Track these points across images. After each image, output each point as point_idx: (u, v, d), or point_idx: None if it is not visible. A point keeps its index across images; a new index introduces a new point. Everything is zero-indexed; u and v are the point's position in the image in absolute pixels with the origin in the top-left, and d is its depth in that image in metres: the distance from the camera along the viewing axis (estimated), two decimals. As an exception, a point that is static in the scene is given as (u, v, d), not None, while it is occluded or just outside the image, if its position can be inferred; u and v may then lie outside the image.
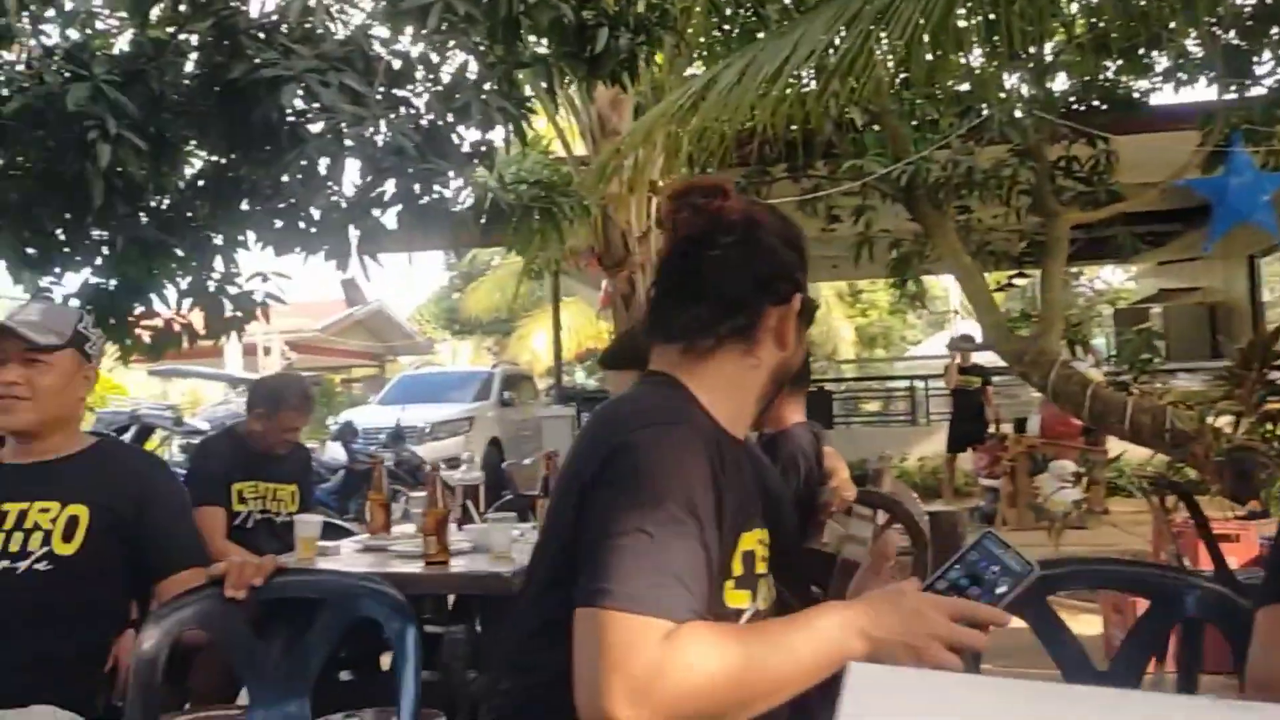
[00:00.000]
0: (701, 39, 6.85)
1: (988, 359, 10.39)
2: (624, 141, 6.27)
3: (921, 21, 4.16)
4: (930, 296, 10.64)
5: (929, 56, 5.49)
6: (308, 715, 1.72)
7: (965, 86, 7.38)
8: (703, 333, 1.38)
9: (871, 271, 10.38)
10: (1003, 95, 6.92)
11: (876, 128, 7.13)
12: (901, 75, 6.83)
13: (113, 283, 4.77)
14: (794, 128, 6.35)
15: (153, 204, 4.78)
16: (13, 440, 2.05)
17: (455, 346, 29.95)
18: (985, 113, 6.71)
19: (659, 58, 6.26)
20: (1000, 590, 1.18)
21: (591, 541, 1.19)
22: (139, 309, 4.89)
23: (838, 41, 4.91)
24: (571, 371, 20.87)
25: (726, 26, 7.50)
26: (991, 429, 10.00)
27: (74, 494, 1.95)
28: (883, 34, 4.63)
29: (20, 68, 4.65)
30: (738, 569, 1.30)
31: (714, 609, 1.23)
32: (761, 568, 1.36)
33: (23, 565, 1.87)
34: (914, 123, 7.30)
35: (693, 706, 1.10)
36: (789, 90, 5.33)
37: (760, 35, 6.37)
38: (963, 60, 6.57)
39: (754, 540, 1.34)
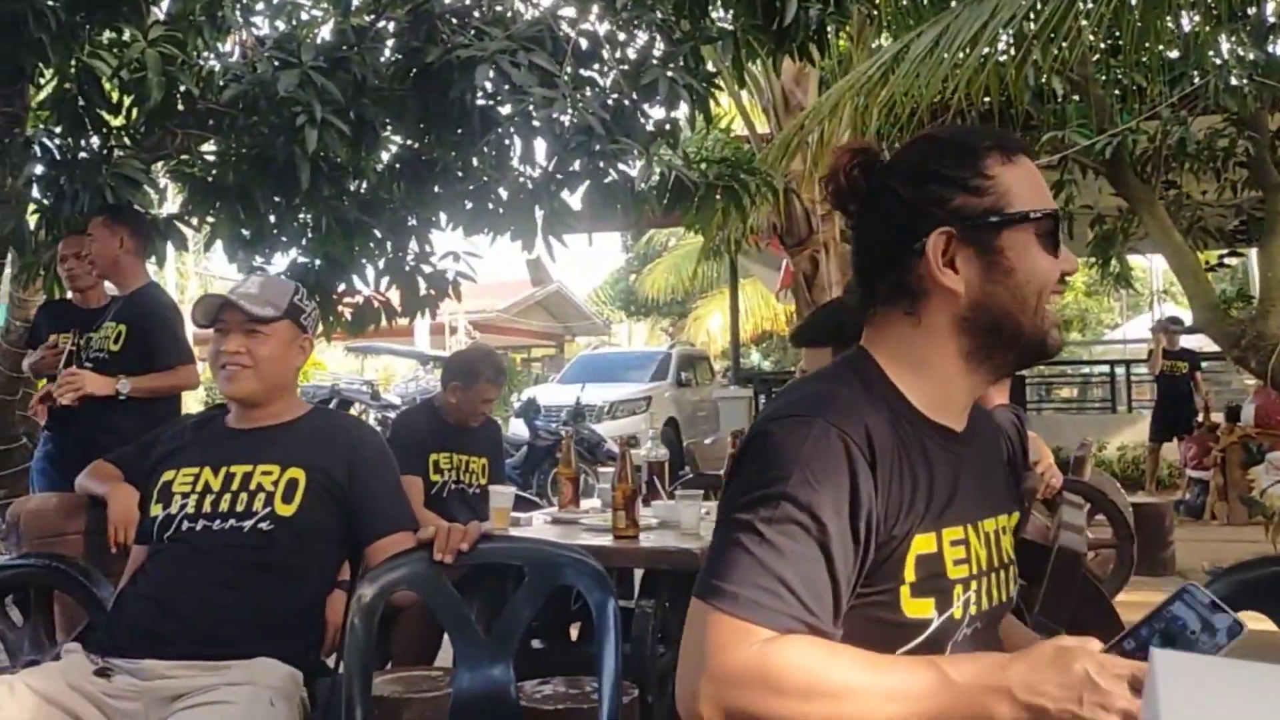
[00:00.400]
0: (891, 6, 6.63)
1: (1196, 343, 9.77)
2: (808, 116, 6.15)
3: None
4: (1132, 277, 10.05)
5: (1137, 20, 5.15)
6: (511, 679, 1.75)
7: (1176, 52, 6.91)
8: (866, 301, 1.27)
9: (1069, 249, 9.89)
10: (1218, 60, 6.44)
11: (1078, 98, 6.75)
12: (1107, 41, 6.45)
13: (317, 262, 5.01)
14: (989, 99, 6.08)
15: (353, 187, 4.99)
16: (236, 407, 2.16)
17: (631, 327, 30.28)
18: (1198, 80, 6.26)
19: (848, 28, 6.12)
20: (1209, 649, 0.96)
21: (717, 530, 1.15)
22: (341, 287, 5.13)
23: (1039, 6, 4.66)
24: (747, 353, 20.77)
25: (916, -6, 7.25)
26: (1200, 417, 9.38)
27: (293, 458, 2.04)
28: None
29: (235, 58, 4.94)
30: (911, 574, 1.16)
31: (886, 617, 1.16)
32: (959, 571, 1.19)
33: (248, 524, 1.97)
34: (1119, 92, 6.89)
35: None
36: (985, 59, 5.10)
37: (955, 2, 6.12)
38: (1174, 24, 6.14)
39: (936, 541, 1.18)
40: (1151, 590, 5.38)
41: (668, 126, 4.49)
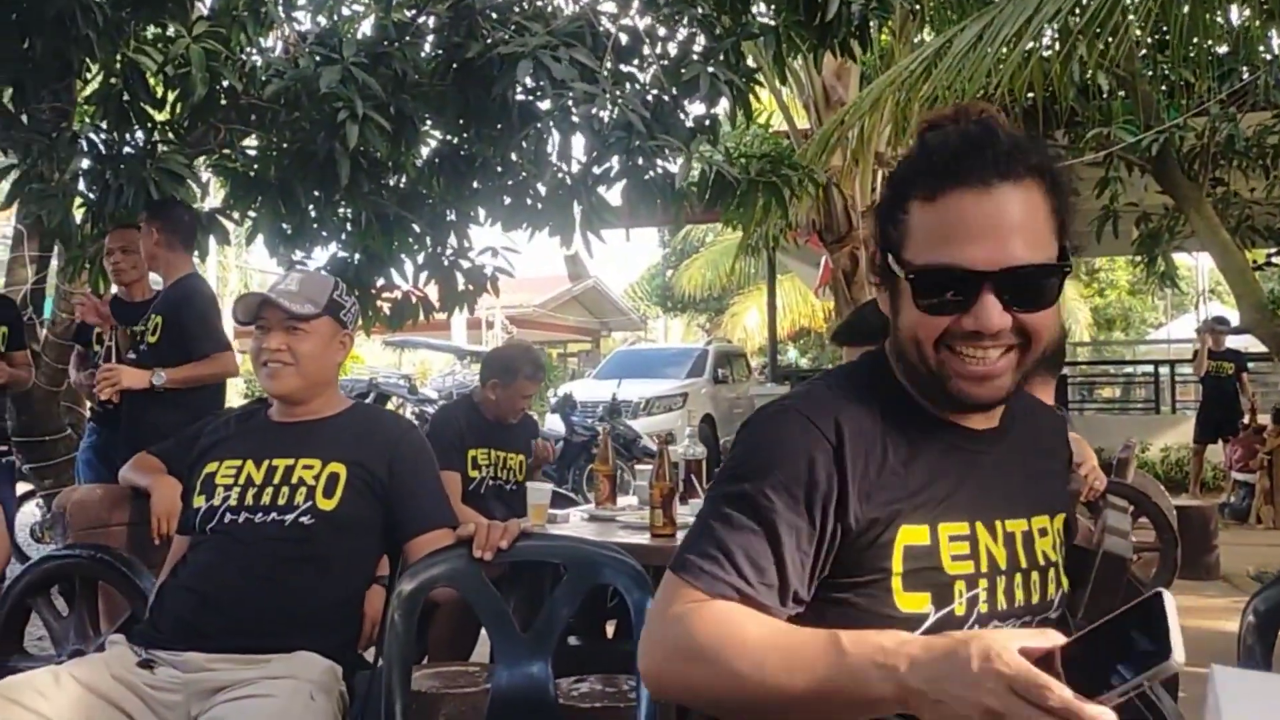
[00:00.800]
0: (935, 0, 6.57)
1: (1242, 343, 9.60)
2: (849, 111, 6.10)
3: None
4: (1177, 276, 9.91)
5: (1185, 15, 5.06)
6: (549, 676, 1.75)
7: (1225, 48, 6.79)
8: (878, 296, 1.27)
9: (1113, 248, 9.74)
10: (1268, 56, 6.32)
11: (1124, 93, 6.65)
12: (1154, 36, 6.34)
13: (357, 256, 5.04)
14: (1032, 94, 6.01)
15: (392, 182, 5.02)
16: (278, 402, 2.17)
17: (667, 323, 30.26)
18: (1248, 75, 6.14)
19: (890, 23, 6.06)
20: (1127, 676, 0.86)
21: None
22: (380, 282, 5.16)
23: (1085, 1, 4.59)
24: (784, 350, 20.70)
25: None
26: (1246, 419, 9.22)
27: (334, 453, 2.05)
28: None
29: (277, 53, 4.98)
30: (899, 565, 1.15)
31: (879, 611, 1.15)
32: (959, 567, 1.18)
33: (289, 518, 1.98)
34: (1166, 87, 6.78)
35: (680, 681, 1.10)
36: (1029, 54, 5.03)
37: (997, -2, 6.05)
38: (1223, 18, 6.03)
39: (929, 535, 1.17)
40: (1195, 595, 5.30)
41: (708, 123, 4.48)
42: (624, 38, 4.28)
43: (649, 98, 4.20)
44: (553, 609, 1.76)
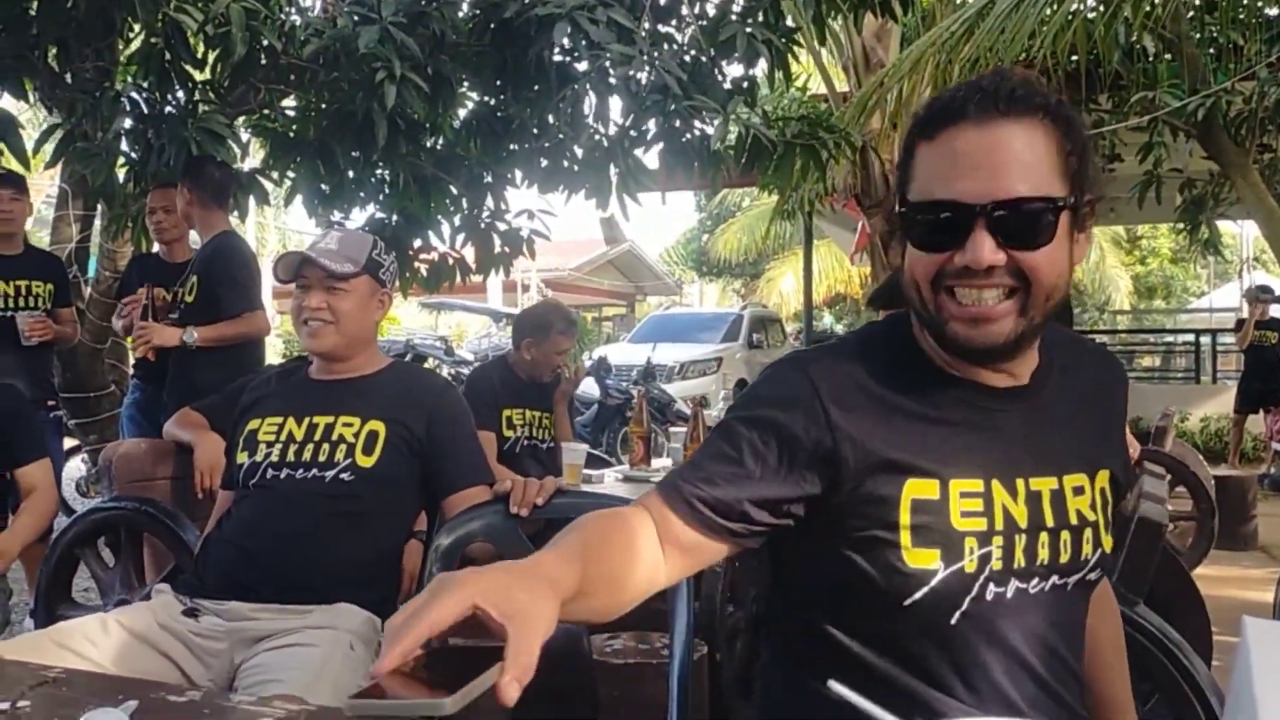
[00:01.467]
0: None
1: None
2: (888, 74, 6.03)
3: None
4: (1221, 244, 9.73)
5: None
6: (585, 631, 1.78)
7: (1275, 9, 6.63)
8: None
9: (1155, 215, 9.60)
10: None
11: (1170, 56, 6.52)
12: (1203, -4, 6.21)
13: (394, 217, 5.07)
14: (1075, 57, 5.90)
15: (430, 143, 5.03)
16: (319, 359, 2.20)
17: (702, 288, 30.19)
18: (1299, 37, 6.00)
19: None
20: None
21: None
22: (417, 243, 5.19)
23: (1133, -40, 4.50)
24: (820, 316, 20.61)
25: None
26: (1289, 389, 9.08)
27: (373, 410, 2.08)
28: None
29: (315, 12, 4.99)
30: (906, 518, 1.15)
31: (890, 563, 1.15)
32: (969, 524, 1.16)
33: (329, 474, 2.01)
34: (1214, 50, 6.63)
35: None
36: (1073, 16, 4.94)
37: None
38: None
39: (939, 489, 1.16)
40: (1231, 565, 5.26)
41: (745, 84, 4.44)
42: (662, -1, 4.25)
43: (686, 59, 4.17)
44: (586, 565, 1.78)
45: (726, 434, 1.21)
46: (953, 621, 1.16)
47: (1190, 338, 14.26)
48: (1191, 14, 6.48)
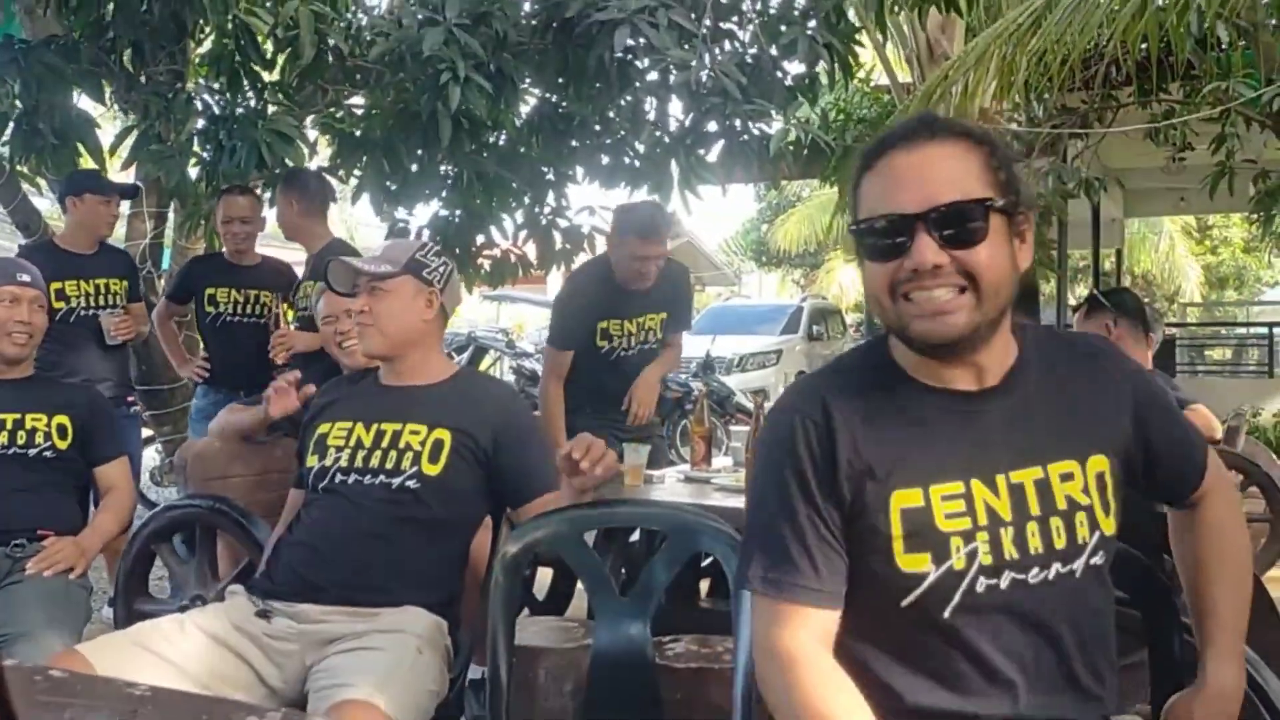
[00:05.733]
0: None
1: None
2: (953, 66, 5.94)
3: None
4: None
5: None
6: (648, 638, 1.80)
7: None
8: None
9: (1228, 205, 9.35)
10: (1405, 4, 5.94)
11: (1245, 44, 6.34)
12: (1281, -17, 6.02)
13: (457, 214, 5.13)
14: (1146, 45, 5.76)
15: (492, 140, 5.08)
16: (384, 366, 2.25)
17: (761, 278, 30.00)
18: (1382, 25, 5.81)
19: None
20: None
21: None
22: (480, 240, 5.24)
23: (1207, -51, 4.39)
24: (880, 306, 20.35)
25: (1073, -64, 6.88)
26: (1367, 385, 8.83)
27: (439, 419, 2.12)
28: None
29: (380, 12, 5.05)
30: (898, 528, 1.25)
31: (884, 571, 1.26)
32: (954, 525, 1.25)
33: (396, 481, 2.06)
34: (1292, 38, 6.44)
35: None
36: (1144, 4, 4.83)
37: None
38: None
39: (922, 496, 1.26)
40: (1305, 568, 5.12)
41: (807, 81, 4.42)
42: (724, -5, 4.24)
43: (747, 59, 4.16)
44: (652, 573, 1.81)
45: (779, 506, 1.30)
46: (945, 615, 1.26)
47: (1263, 330, 13.89)
48: (1267, 1, 6.30)
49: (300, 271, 4.32)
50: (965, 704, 1.27)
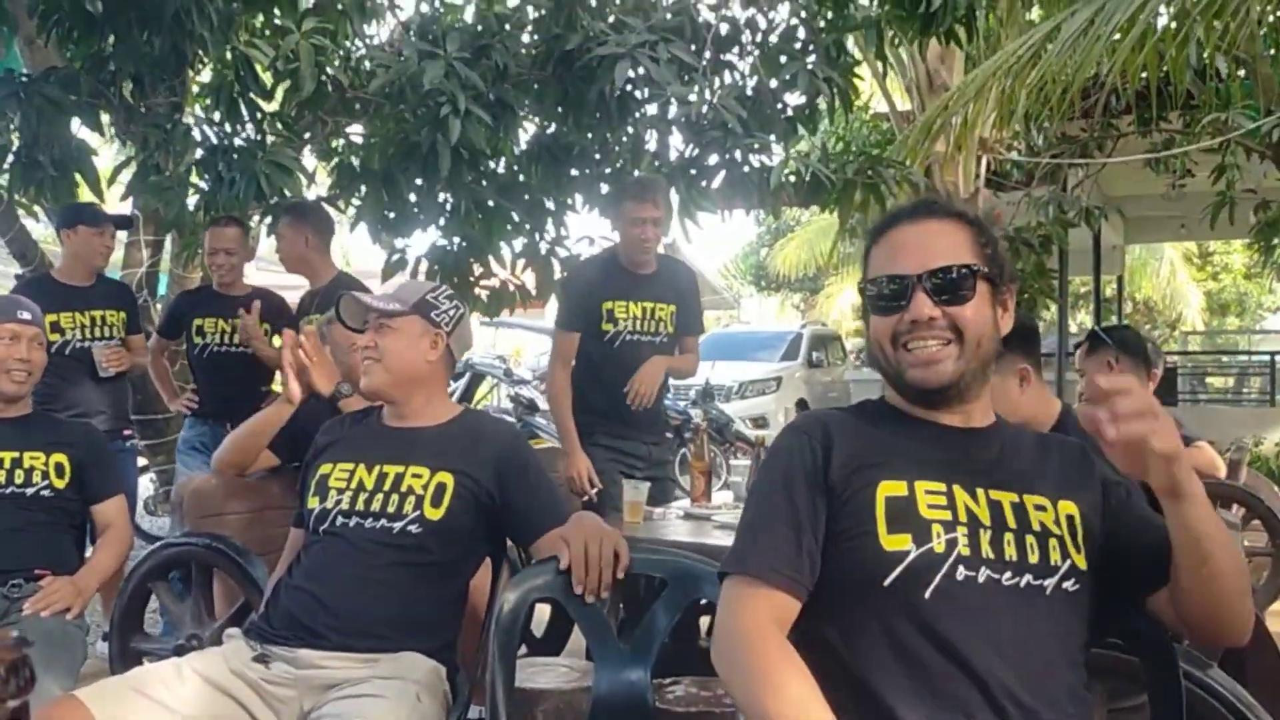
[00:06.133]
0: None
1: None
2: (953, 97, 5.96)
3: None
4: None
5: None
6: (649, 684, 1.78)
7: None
8: None
9: (1228, 232, 9.37)
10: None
11: (1244, 75, 6.37)
12: (1277, 13, 6.06)
13: (456, 242, 5.12)
14: (1145, 74, 5.78)
15: (491, 169, 5.07)
16: (387, 407, 2.24)
17: (761, 303, 30.02)
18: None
19: (996, 9, 5.90)
20: None
21: None
22: (478, 269, 5.23)
23: (1205, -18, 4.40)
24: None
25: (1072, -34, 6.92)
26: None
27: (442, 462, 2.10)
28: (1260, -30, 4.11)
29: (377, 41, 5.06)
30: (882, 513, 1.39)
31: (869, 551, 1.37)
32: (935, 513, 1.39)
33: (397, 525, 2.04)
34: (1290, 68, 6.47)
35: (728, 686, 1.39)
36: (1143, 36, 4.84)
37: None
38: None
39: (907, 488, 1.41)
40: (1310, 601, 5.08)
41: (806, 112, 4.43)
42: (724, 28, 4.25)
43: (747, 90, 4.17)
44: (653, 620, 1.79)
45: (769, 499, 1.46)
46: (926, 596, 1.35)
47: (1265, 358, 13.87)
48: (1265, 31, 6.33)
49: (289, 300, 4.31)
50: (937, 706, 1.32)
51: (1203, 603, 1.38)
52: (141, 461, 5.79)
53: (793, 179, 4.30)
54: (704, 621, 3.17)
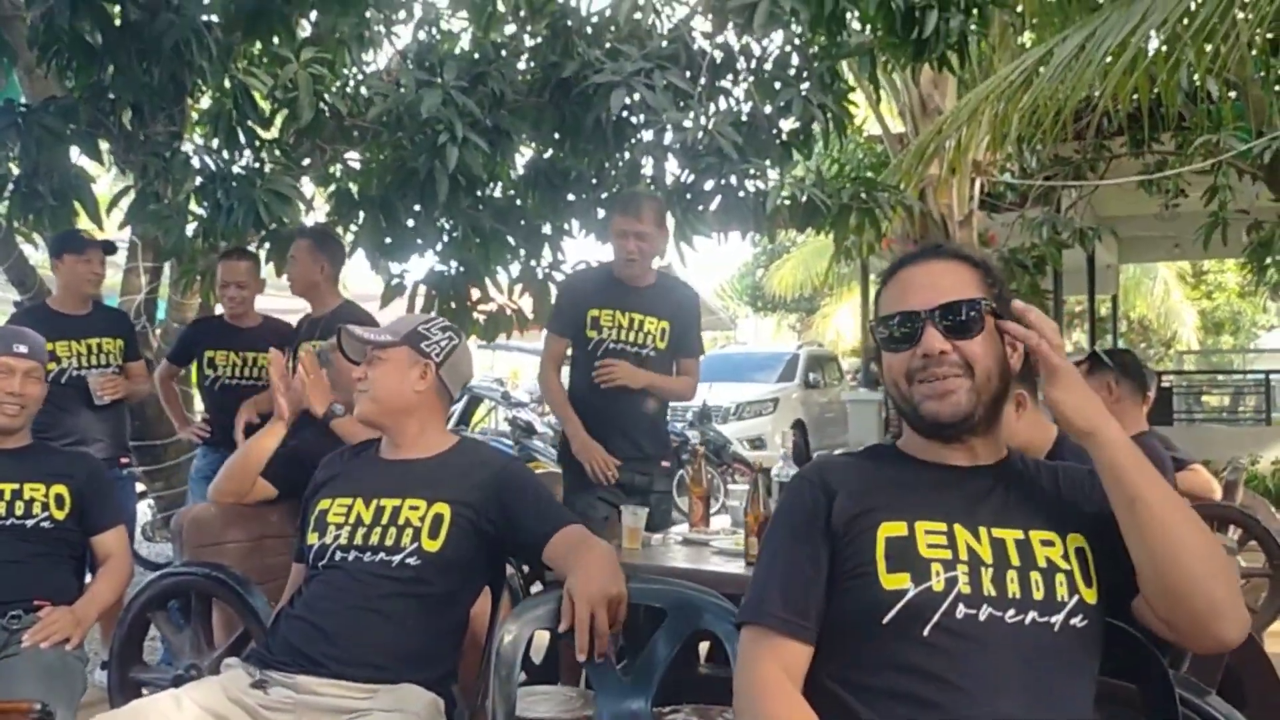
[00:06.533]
0: (1034, 9, 6.41)
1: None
2: (947, 121, 6.00)
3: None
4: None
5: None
6: (649, 713, 1.78)
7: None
8: None
9: (1221, 251, 9.41)
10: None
11: (1235, 96, 6.42)
12: (1269, 36, 6.11)
13: (453, 264, 5.13)
14: (1136, 96, 5.83)
15: (488, 194, 5.10)
16: (384, 439, 2.25)
17: (757, 323, 30.06)
18: (1369, 77, 5.89)
19: (989, 36, 5.95)
20: None
21: None
22: (475, 294, 5.24)
23: (1193, 7, 4.45)
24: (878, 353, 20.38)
25: (1063, -8, 6.97)
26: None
27: (439, 493, 2.11)
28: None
29: (373, 68, 5.10)
30: (882, 552, 1.43)
31: (869, 590, 1.41)
32: (935, 553, 1.42)
33: (396, 559, 2.05)
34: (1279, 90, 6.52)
35: None
36: (1134, 60, 4.88)
37: (1101, 1, 5.88)
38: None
39: (907, 528, 1.44)
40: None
41: (801, 137, 4.46)
42: (718, 55, 4.28)
43: (743, 116, 4.20)
44: (653, 650, 1.79)
45: (780, 549, 1.51)
46: (925, 633, 1.37)
47: (1260, 376, 13.89)
48: (1255, 52, 6.39)
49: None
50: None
51: (1161, 576, 1.36)
52: (140, 487, 5.80)
53: (788, 203, 4.33)
54: (704, 647, 3.18)
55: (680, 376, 3.72)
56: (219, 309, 4.39)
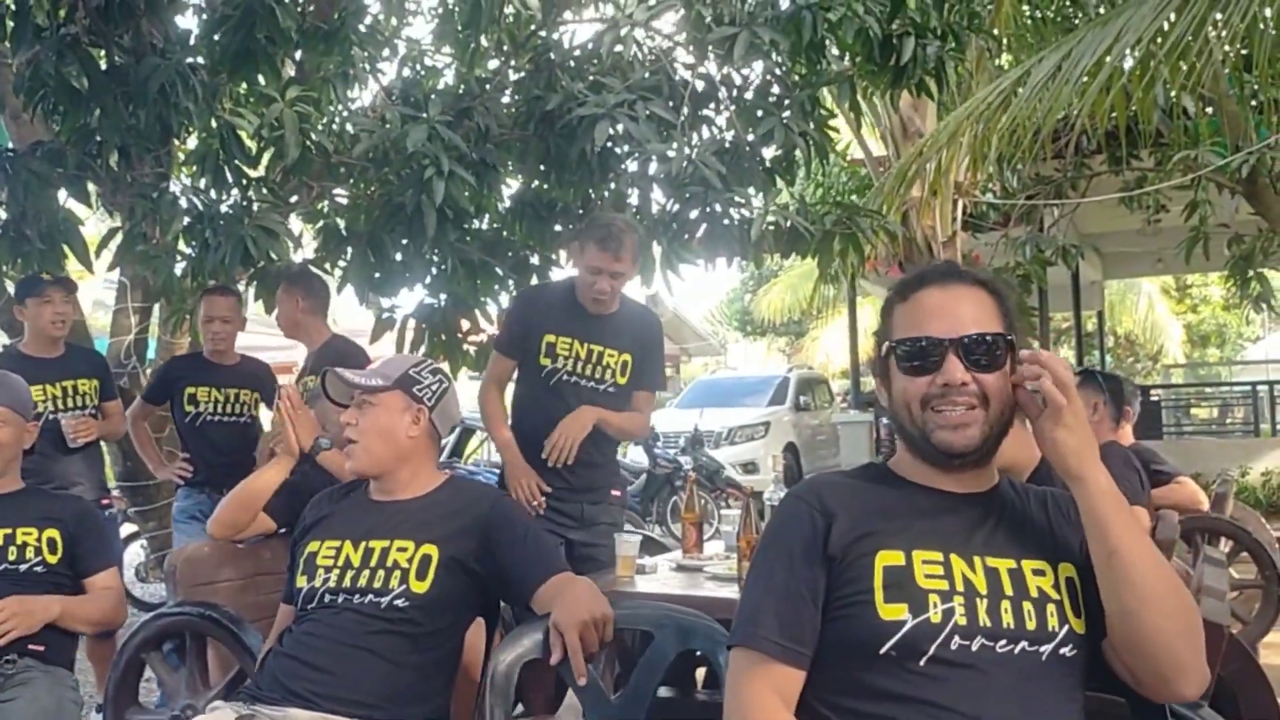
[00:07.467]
0: (1012, 28, 6.50)
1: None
2: (927, 144, 6.07)
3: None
4: (1273, 294, 9.52)
5: (1273, 30, 4.93)
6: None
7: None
8: None
9: (1204, 265, 9.49)
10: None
11: (1211, 112, 6.50)
12: (1242, 52, 6.20)
13: (442, 297, 5.15)
14: (1114, 114, 5.91)
15: (475, 226, 5.12)
16: (373, 482, 2.26)
17: (747, 347, 30.12)
18: (1342, 90, 5.96)
19: (966, 61, 6.02)
20: None
21: None
22: (466, 325, 5.26)
23: (1166, 26, 4.51)
24: (867, 376, 20.48)
25: (1039, 13, 7.07)
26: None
27: (426, 534, 2.11)
28: (1219, 15, 4.22)
29: (358, 105, 5.13)
30: (879, 581, 1.42)
31: (866, 620, 1.40)
32: (932, 583, 1.41)
33: (384, 600, 2.05)
34: (1256, 104, 6.61)
35: None
36: (1110, 79, 4.95)
37: (1077, 22, 5.97)
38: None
39: (904, 558, 1.43)
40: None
41: (784, 164, 4.50)
42: (700, 84, 4.33)
43: (726, 144, 4.24)
44: (644, 673, 1.80)
45: (771, 571, 1.48)
46: (921, 665, 1.37)
47: (1247, 388, 13.97)
48: (1229, 70, 6.48)
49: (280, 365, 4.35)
50: None
51: (1131, 630, 1.39)
52: (132, 528, 5.77)
53: (773, 229, 4.36)
54: (700, 672, 3.19)
55: (632, 413, 3.43)
56: (204, 351, 4.39)
